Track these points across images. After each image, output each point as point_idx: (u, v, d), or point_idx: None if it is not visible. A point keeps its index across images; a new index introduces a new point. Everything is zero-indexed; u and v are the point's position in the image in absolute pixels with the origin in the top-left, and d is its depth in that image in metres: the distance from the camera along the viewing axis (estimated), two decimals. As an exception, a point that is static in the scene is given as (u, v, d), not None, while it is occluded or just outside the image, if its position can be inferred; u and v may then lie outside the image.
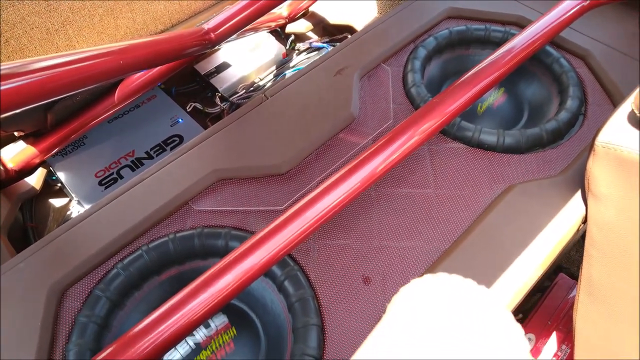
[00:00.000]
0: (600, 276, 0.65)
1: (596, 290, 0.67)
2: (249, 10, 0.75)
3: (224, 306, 0.65)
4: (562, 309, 0.97)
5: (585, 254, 0.67)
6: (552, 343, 0.95)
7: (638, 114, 0.57)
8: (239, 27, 0.77)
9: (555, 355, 0.93)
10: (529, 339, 0.97)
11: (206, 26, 0.76)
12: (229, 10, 0.76)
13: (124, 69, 0.57)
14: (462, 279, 0.22)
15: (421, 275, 0.61)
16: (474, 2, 0.94)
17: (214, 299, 0.48)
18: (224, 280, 0.49)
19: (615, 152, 0.58)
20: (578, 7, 0.74)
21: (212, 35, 0.76)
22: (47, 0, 0.95)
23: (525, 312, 0.99)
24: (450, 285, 0.22)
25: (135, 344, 0.45)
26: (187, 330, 0.47)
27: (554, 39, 0.87)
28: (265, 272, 0.62)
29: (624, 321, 0.64)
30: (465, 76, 0.69)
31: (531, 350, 0.95)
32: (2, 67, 0.46)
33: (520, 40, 0.71)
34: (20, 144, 0.92)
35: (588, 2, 0.75)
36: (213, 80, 1.15)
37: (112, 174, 0.96)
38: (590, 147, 0.61)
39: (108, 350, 0.44)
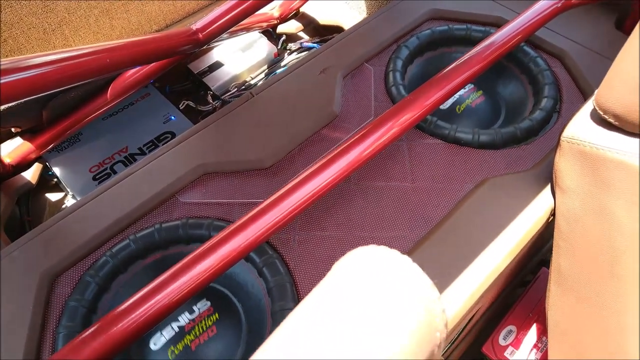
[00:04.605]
0: (568, 266, 0.68)
1: (565, 280, 0.70)
2: (235, 11, 0.78)
3: (208, 291, 0.68)
4: (543, 302, 1.00)
5: (554, 245, 0.69)
6: (532, 335, 0.98)
7: (599, 111, 0.60)
8: (226, 28, 0.80)
9: (535, 346, 0.96)
10: (510, 331, 1.00)
11: (194, 26, 0.79)
12: (216, 11, 0.79)
13: (112, 66, 0.60)
14: (388, 249, 0.25)
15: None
16: (456, 4, 0.97)
17: (194, 282, 0.51)
18: (203, 265, 0.52)
19: (578, 146, 0.61)
20: (552, 8, 0.77)
21: (200, 35, 0.79)
22: (44, 0, 0.99)
23: (509, 305, 1.02)
24: (378, 256, 0.25)
25: (118, 323, 0.48)
26: (167, 311, 0.50)
27: (532, 39, 0.91)
28: (244, 257, 0.65)
29: (591, 309, 0.67)
30: (442, 72, 0.72)
31: (512, 342, 0.98)
32: None
33: (495, 39, 0.74)
34: (17, 140, 0.96)
35: (561, 3, 0.78)
36: (206, 79, 1.18)
37: (106, 169, 0.99)
38: (557, 142, 0.65)
39: (92, 329, 0.47)
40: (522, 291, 1.04)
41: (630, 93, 0.55)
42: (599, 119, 0.61)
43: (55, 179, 1.00)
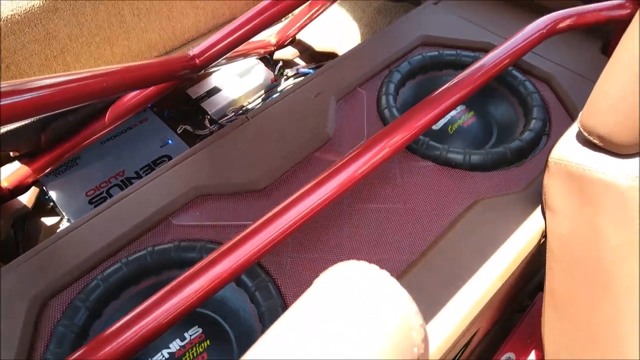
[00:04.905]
0: (562, 288, 0.68)
1: (559, 303, 0.69)
2: (231, 38, 0.80)
3: (199, 317, 0.68)
4: (540, 327, 1.00)
5: (547, 267, 0.70)
6: (531, 361, 0.96)
7: (584, 132, 0.61)
8: (222, 53, 0.82)
9: (534, 372, 0.95)
10: (509, 358, 0.99)
11: (191, 52, 0.81)
12: (213, 37, 0.81)
13: (108, 90, 0.62)
14: (367, 265, 0.26)
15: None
16: (447, 31, 0.99)
17: (182, 305, 0.51)
18: (192, 287, 0.52)
19: (565, 167, 0.62)
20: (538, 33, 0.79)
21: (197, 60, 0.81)
22: (46, 27, 1.02)
23: (507, 331, 1.01)
24: (356, 270, 0.25)
25: (106, 347, 0.48)
26: (156, 334, 0.50)
27: (521, 64, 0.93)
28: (236, 281, 0.65)
29: (587, 332, 0.67)
30: (433, 94, 0.73)
31: (511, 368, 0.97)
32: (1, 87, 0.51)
33: (484, 62, 0.76)
34: (15, 164, 0.97)
35: (547, 29, 0.80)
36: (204, 104, 1.20)
37: (102, 193, 1.00)
38: (545, 163, 0.65)
39: (78, 353, 0.47)
40: (520, 316, 1.03)
41: (612, 114, 0.56)
42: (584, 140, 0.62)
43: (52, 203, 1.01)
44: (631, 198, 0.58)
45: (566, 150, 0.63)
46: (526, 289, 1.03)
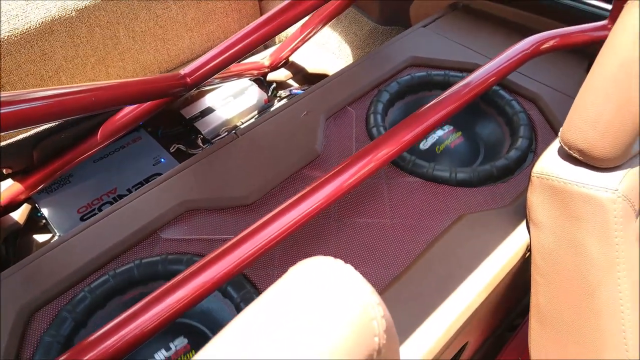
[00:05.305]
0: (546, 302, 0.68)
1: (544, 317, 0.69)
2: (221, 58, 0.82)
3: (185, 328, 0.68)
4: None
5: (532, 281, 0.70)
6: (521, 380, 0.95)
7: (564, 147, 0.62)
8: (213, 73, 0.84)
9: (525, 391, 0.94)
10: (500, 377, 0.98)
11: (183, 71, 0.83)
12: (203, 57, 0.83)
13: (98, 105, 0.63)
14: (333, 259, 0.26)
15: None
16: (435, 52, 1.02)
17: (166, 313, 0.51)
18: (176, 295, 0.52)
19: (548, 181, 0.63)
20: (522, 53, 0.82)
21: (188, 79, 0.83)
22: (42, 48, 1.04)
23: (498, 348, 1.00)
24: (322, 265, 0.26)
25: (88, 354, 0.48)
26: (139, 342, 0.50)
27: (508, 84, 0.95)
28: (222, 293, 0.65)
29: (571, 346, 0.67)
30: (419, 110, 0.75)
31: (500, 388, 0.96)
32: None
33: (469, 80, 0.78)
34: (8, 181, 0.98)
35: (530, 50, 0.82)
36: (197, 124, 1.22)
37: (94, 210, 1.01)
38: (529, 178, 0.66)
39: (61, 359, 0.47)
40: (511, 336, 1.02)
41: (590, 129, 0.57)
42: (566, 154, 0.63)
43: (44, 220, 1.01)
44: (610, 211, 0.58)
45: (548, 165, 0.64)
46: (517, 307, 1.03)
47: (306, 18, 1.10)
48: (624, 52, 0.54)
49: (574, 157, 0.62)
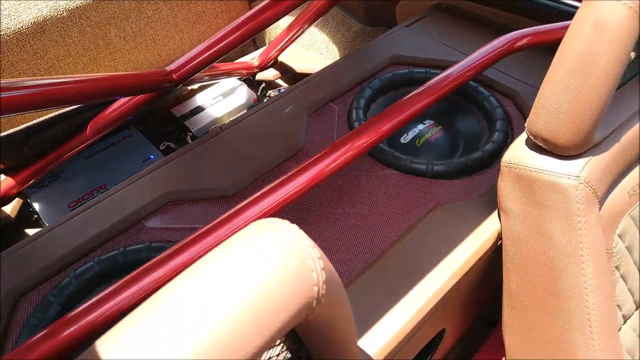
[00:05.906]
0: (516, 287, 0.71)
1: (515, 302, 0.72)
2: (207, 54, 0.85)
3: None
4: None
5: (503, 267, 0.72)
6: (502, 373, 0.97)
7: (530, 136, 0.64)
8: (198, 69, 0.87)
9: (506, 384, 0.96)
10: (480, 367, 1.00)
11: (169, 68, 0.86)
12: (189, 53, 0.85)
13: (85, 96, 0.66)
14: (279, 220, 0.29)
15: (345, 286, 0.66)
16: (417, 50, 1.05)
17: (143, 292, 0.54)
18: (153, 276, 0.54)
19: (515, 170, 0.66)
20: (497, 50, 0.84)
21: (174, 75, 0.85)
22: (34, 48, 1.07)
23: (480, 341, 1.02)
24: (267, 224, 0.28)
25: (67, 329, 0.50)
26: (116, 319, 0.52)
27: (487, 81, 0.97)
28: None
29: (540, 328, 0.69)
30: (398, 102, 0.77)
31: (482, 381, 0.98)
32: None
33: (445, 75, 0.80)
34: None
35: (505, 47, 0.85)
36: (187, 122, 1.25)
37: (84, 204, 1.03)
38: (499, 167, 0.69)
39: (36, 337, 0.50)
40: (490, 330, 1.04)
41: (553, 118, 0.60)
42: (532, 144, 0.65)
43: (36, 215, 1.03)
44: (573, 196, 0.61)
45: (516, 154, 0.66)
46: (498, 301, 1.05)
47: (292, 19, 1.14)
48: (581, 45, 0.57)
49: (539, 146, 0.64)
